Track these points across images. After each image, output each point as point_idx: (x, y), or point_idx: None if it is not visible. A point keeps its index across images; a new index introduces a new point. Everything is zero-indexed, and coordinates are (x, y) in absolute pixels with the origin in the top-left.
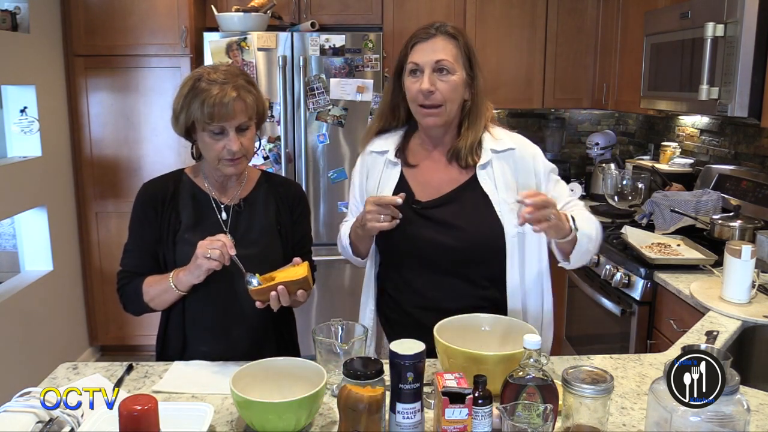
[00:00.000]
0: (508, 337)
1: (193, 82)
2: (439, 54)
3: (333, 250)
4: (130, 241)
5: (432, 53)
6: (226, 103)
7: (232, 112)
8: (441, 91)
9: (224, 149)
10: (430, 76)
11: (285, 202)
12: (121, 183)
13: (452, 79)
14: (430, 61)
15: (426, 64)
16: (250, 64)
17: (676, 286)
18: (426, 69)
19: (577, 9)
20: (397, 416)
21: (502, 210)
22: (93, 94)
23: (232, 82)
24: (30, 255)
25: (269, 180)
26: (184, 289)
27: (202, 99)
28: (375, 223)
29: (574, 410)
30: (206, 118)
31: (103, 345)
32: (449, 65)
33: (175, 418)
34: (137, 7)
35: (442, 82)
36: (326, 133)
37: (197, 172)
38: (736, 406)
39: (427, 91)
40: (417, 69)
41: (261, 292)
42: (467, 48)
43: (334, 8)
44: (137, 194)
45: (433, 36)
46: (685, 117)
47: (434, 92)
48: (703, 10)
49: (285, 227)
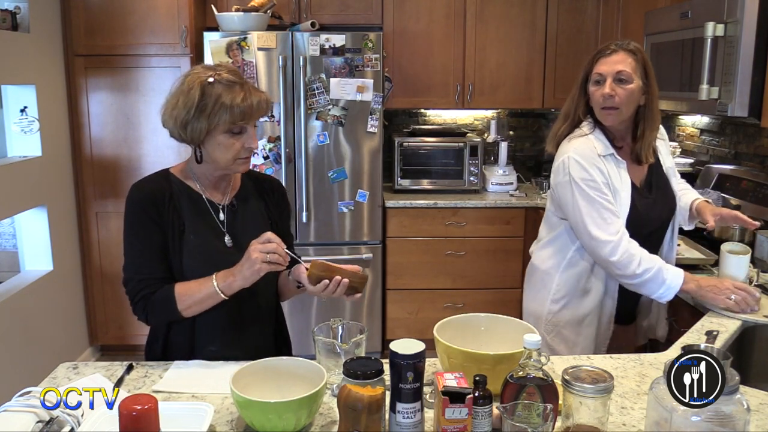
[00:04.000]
0: (507, 337)
1: (202, 87)
2: (620, 66)
3: (332, 249)
4: (139, 247)
5: (614, 65)
6: (256, 103)
7: (257, 111)
8: (619, 95)
9: (243, 148)
10: (611, 84)
11: (271, 198)
12: (121, 183)
13: (629, 87)
14: (612, 71)
15: (609, 74)
16: (250, 64)
17: None
18: (608, 78)
19: (577, 9)
20: (397, 416)
21: (669, 174)
22: (93, 94)
23: (243, 82)
24: (30, 255)
25: (251, 177)
26: (230, 294)
27: (230, 101)
28: None
29: (574, 410)
30: (238, 118)
31: (103, 345)
32: (628, 75)
33: (176, 417)
34: (137, 6)
35: (621, 89)
36: (326, 133)
37: (186, 174)
38: (736, 406)
39: (609, 95)
40: (599, 79)
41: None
42: (644, 62)
43: (334, 8)
44: (131, 197)
45: (615, 51)
46: (685, 117)
47: (614, 96)
48: (703, 10)
49: (275, 221)
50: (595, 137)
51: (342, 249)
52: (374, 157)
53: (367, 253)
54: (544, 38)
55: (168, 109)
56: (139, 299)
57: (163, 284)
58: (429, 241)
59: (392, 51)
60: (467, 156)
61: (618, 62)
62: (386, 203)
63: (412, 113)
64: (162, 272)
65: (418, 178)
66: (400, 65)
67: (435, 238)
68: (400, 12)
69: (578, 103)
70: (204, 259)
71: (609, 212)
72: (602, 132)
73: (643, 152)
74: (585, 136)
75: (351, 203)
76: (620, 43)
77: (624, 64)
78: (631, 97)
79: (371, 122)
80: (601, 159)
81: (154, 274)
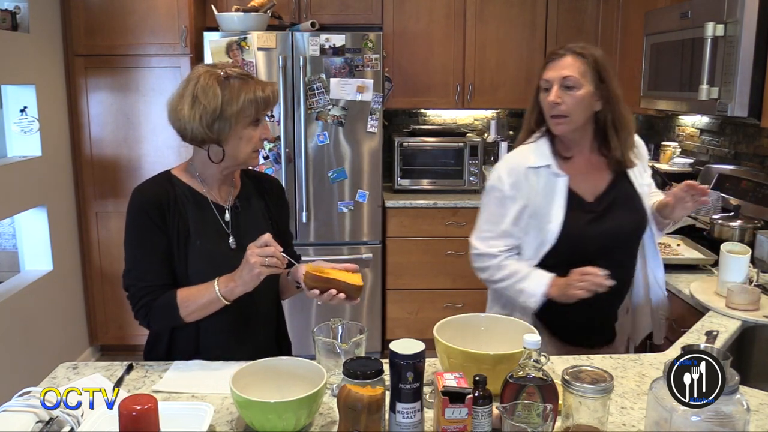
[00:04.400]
0: (507, 337)
1: (220, 84)
2: (566, 71)
3: (332, 249)
4: (142, 252)
5: (560, 70)
6: (274, 92)
7: (276, 98)
8: (567, 103)
9: (260, 139)
10: (557, 90)
11: (271, 197)
12: (121, 183)
13: (578, 93)
14: (558, 77)
15: (554, 80)
16: (250, 64)
17: (675, 285)
18: (554, 84)
19: (577, 8)
20: (396, 416)
21: (643, 192)
22: (93, 94)
23: (249, 74)
24: (30, 255)
25: (250, 176)
26: (232, 300)
27: (252, 93)
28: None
29: (574, 410)
30: (262, 108)
31: (103, 345)
32: (575, 81)
33: (175, 417)
34: (137, 6)
35: (568, 96)
36: (326, 133)
37: (189, 174)
38: (736, 406)
39: (555, 102)
40: (547, 86)
41: (318, 280)
42: (597, 65)
43: (334, 8)
44: (134, 201)
45: (562, 56)
46: (685, 117)
47: (560, 104)
48: (703, 10)
49: (275, 220)
50: (535, 147)
51: (342, 249)
52: (374, 157)
53: (366, 253)
54: (544, 38)
55: (184, 111)
56: (141, 306)
57: (165, 291)
58: (429, 241)
59: (392, 51)
60: (467, 156)
61: (564, 67)
62: (386, 203)
63: (412, 113)
64: (165, 278)
65: (418, 178)
66: (400, 65)
67: (435, 238)
68: (400, 12)
69: (533, 111)
70: (209, 262)
71: (492, 225)
72: (550, 141)
73: (625, 158)
74: (524, 146)
75: (351, 203)
76: (570, 47)
77: (571, 69)
78: (581, 103)
79: (371, 122)
80: (532, 171)
81: (156, 281)
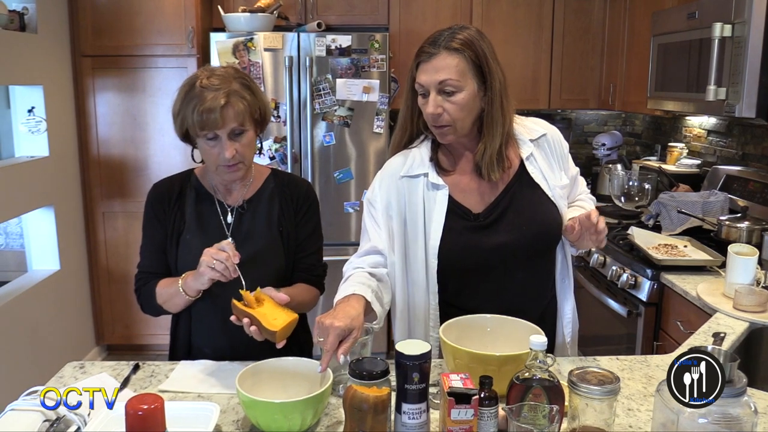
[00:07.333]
0: (513, 338)
1: (189, 87)
2: (442, 74)
3: (338, 249)
4: (144, 241)
5: (435, 73)
6: (214, 110)
7: (220, 120)
8: (449, 111)
9: (219, 156)
10: (435, 98)
11: (290, 203)
12: (128, 183)
13: (459, 98)
14: (433, 82)
15: (430, 85)
16: (256, 65)
17: (682, 287)
18: (431, 91)
19: (584, 9)
20: (402, 417)
21: (554, 195)
22: (100, 94)
23: (224, 88)
24: (37, 254)
25: (277, 179)
26: (193, 294)
27: (193, 106)
28: None
29: (581, 411)
30: (197, 126)
31: (110, 344)
32: (454, 84)
33: (182, 417)
34: (144, 7)
35: (449, 103)
36: (332, 134)
37: (205, 174)
38: (744, 408)
39: (435, 114)
40: (423, 92)
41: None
42: (478, 55)
43: (341, 9)
44: (148, 194)
45: (435, 55)
46: (692, 118)
47: (442, 114)
48: (710, 11)
49: (287, 228)
50: (412, 154)
51: (348, 249)
52: (380, 158)
53: None
54: (550, 39)
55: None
56: (136, 289)
57: (157, 279)
58: None
59: (398, 52)
60: None
61: (440, 69)
62: None
63: None
64: (158, 268)
65: None
66: (407, 66)
67: None
68: (407, 13)
69: (412, 112)
70: (195, 259)
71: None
72: (431, 148)
73: (484, 167)
74: (404, 152)
75: (357, 204)
76: (441, 41)
77: (447, 70)
78: (464, 108)
79: (377, 123)
80: (404, 180)
81: (150, 268)
